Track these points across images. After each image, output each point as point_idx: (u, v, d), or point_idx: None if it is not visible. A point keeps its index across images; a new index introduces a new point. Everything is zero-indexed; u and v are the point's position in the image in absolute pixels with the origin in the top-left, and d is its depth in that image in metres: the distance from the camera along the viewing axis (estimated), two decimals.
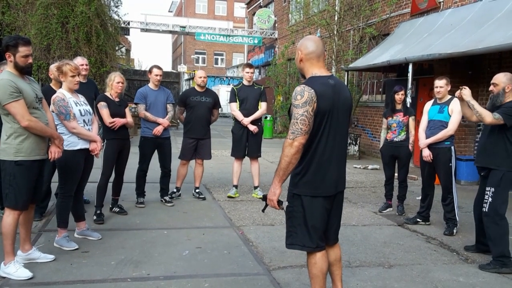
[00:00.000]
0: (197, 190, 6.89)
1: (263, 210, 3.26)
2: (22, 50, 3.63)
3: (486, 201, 4.38)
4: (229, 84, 36.66)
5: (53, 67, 5.25)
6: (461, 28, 9.14)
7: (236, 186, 7.04)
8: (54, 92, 4.65)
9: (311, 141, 2.85)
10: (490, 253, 4.45)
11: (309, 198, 2.89)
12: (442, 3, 10.58)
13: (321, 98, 2.78)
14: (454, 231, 5.39)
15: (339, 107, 2.90)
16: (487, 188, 4.39)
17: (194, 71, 38.63)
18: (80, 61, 5.57)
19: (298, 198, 2.92)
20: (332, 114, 2.85)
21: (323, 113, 2.81)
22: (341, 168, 3.01)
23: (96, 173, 5.23)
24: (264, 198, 3.01)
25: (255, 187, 7.08)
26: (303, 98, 2.75)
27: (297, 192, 2.92)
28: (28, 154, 3.70)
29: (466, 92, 4.51)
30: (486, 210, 4.37)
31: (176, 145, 9.42)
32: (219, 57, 50.07)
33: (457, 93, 4.59)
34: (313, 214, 2.90)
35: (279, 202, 2.95)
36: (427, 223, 5.77)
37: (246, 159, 7.08)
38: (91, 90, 5.82)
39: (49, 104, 4.20)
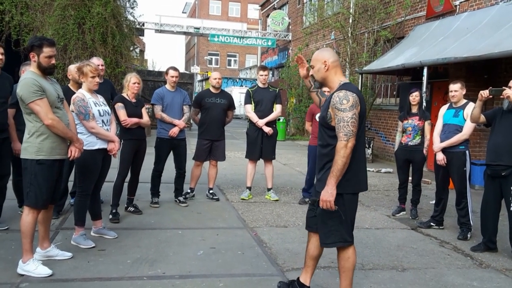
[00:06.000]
0: (211, 191, 6.94)
1: (314, 215, 3.29)
2: (47, 50, 3.70)
3: None
4: (241, 85, 36.65)
5: (72, 68, 5.34)
6: (477, 31, 9.07)
7: (249, 188, 7.08)
8: (73, 92, 4.75)
9: None
10: (498, 252, 4.60)
11: (351, 196, 3.12)
12: (458, 7, 10.51)
13: (361, 102, 3.05)
14: (468, 235, 5.37)
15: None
16: None
17: (207, 72, 38.79)
18: (96, 61, 5.60)
19: (340, 197, 3.06)
20: (365, 116, 3.14)
21: (362, 115, 3.07)
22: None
23: (112, 173, 5.30)
24: (313, 202, 3.15)
25: (269, 189, 7.11)
26: (349, 102, 2.96)
27: (340, 191, 3.05)
28: (49, 153, 3.76)
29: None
30: None
31: (189, 146, 9.48)
32: (232, 59, 50.24)
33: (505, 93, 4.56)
34: (352, 210, 3.16)
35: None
36: (440, 227, 5.76)
37: (259, 160, 7.11)
38: (107, 90, 5.90)
39: (68, 104, 4.28)
